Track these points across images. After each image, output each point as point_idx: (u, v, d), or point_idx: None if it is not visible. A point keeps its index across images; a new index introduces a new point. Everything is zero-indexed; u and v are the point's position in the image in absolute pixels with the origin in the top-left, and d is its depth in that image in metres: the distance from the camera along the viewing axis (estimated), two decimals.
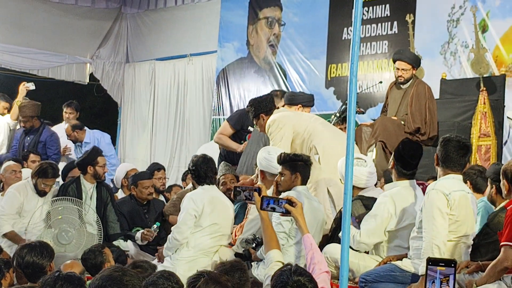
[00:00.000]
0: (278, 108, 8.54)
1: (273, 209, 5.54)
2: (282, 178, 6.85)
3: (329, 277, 4.90)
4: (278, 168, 6.95)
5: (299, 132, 7.88)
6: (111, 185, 10.28)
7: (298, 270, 4.25)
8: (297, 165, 6.86)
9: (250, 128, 9.47)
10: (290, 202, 5.32)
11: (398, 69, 9.26)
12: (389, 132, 8.87)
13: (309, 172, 6.98)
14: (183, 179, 11.30)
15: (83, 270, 6.17)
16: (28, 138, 11.41)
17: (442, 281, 3.73)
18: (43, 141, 11.39)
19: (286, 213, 5.36)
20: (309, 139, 7.82)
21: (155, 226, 8.71)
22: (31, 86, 11.73)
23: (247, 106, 8.45)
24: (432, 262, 3.79)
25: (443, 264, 3.74)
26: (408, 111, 9.06)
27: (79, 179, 8.88)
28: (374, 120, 9.67)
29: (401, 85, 9.32)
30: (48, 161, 9.57)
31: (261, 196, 5.54)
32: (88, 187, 8.82)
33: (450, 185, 5.87)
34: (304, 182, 6.90)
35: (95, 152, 8.96)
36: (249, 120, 9.32)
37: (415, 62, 9.29)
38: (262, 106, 8.22)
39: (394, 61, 9.39)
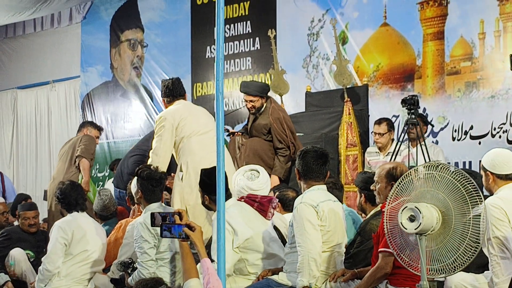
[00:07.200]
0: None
1: (171, 234, 5.21)
2: None
3: None
4: None
5: (176, 140, 7.73)
6: None
7: None
8: None
9: None
10: (189, 226, 5.09)
11: (246, 101, 9.13)
12: (259, 155, 8.88)
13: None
14: None
15: None
16: None
17: None
18: None
19: (186, 238, 5.09)
20: (179, 153, 7.73)
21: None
22: None
23: None
24: None
25: None
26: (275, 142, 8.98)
27: None
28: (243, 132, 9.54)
29: (255, 114, 9.23)
30: None
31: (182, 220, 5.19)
32: None
33: (317, 196, 5.90)
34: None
35: None
36: None
37: (261, 92, 9.04)
38: (163, 90, 8.18)
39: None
